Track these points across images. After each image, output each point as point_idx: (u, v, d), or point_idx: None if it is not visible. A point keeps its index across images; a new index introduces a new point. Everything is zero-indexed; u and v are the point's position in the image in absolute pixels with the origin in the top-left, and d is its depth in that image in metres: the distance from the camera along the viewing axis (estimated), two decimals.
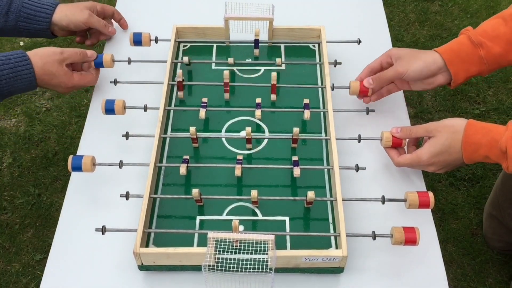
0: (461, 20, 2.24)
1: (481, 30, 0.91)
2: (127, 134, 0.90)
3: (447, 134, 0.83)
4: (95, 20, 1.08)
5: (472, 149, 0.81)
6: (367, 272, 0.81)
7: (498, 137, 0.79)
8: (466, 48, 0.90)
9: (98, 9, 1.10)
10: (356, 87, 0.94)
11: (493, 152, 0.80)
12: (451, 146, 0.82)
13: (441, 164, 0.85)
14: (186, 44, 1.09)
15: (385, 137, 0.88)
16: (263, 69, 1.05)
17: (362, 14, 1.20)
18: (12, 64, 0.91)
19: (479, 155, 0.81)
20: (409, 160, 0.86)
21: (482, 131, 0.81)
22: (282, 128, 0.95)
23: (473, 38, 0.89)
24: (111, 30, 1.12)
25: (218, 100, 0.99)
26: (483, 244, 1.61)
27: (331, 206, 0.86)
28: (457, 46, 0.91)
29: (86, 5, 1.08)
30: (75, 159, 0.84)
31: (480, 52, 0.89)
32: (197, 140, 0.90)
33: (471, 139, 0.81)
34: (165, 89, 0.96)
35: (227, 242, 0.73)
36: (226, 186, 0.88)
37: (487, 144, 0.80)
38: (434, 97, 1.98)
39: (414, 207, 0.80)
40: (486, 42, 0.89)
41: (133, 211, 0.86)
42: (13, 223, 1.65)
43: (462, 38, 0.91)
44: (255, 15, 1.02)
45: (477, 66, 0.90)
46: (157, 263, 0.78)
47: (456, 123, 0.83)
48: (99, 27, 1.09)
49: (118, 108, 0.91)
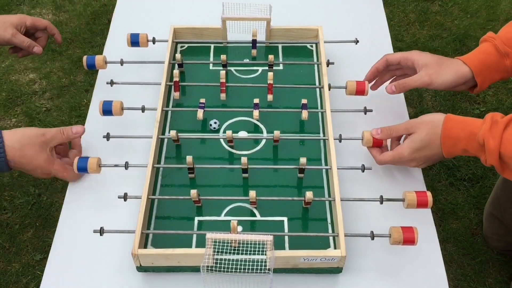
0: (461, 20, 2.24)
1: (505, 38, 0.91)
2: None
3: (426, 129, 0.83)
4: (18, 40, 1.06)
5: (451, 143, 0.82)
6: (366, 272, 0.81)
7: (476, 130, 0.79)
8: (493, 58, 0.91)
9: (27, 24, 1.08)
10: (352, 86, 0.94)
11: (472, 146, 0.80)
12: (431, 141, 0.83)
13: (422, 159, 0.86)
14: (184, 45, 1.09)
15: (366, 138, 0.88)
16: (261, 70, 1.05)
17: (362, 14, 1.20)
18: None
19: (458, 149, 0.82)
20: (391, 157, 0.86)
21: (460, 125, 0.82)
22: (280, 129, 0.95)
23: (500, 48, 0.90)
24: (36, 49, 1.10)
25: (216, 101, 0.99)
26: (483, 244, 1.61)
27: (329, 206, 0.86)
28: (484, 56, 0.91)
29: (13, 22, 1.05)
30: (81, 161, 0.84)
31: (506, 61, 0.90)
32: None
33: (450, 133, 0.82)
34: (163, 90, 0.95)
35: (226, 243, 0.72)
36: (225, 187, 0.88)
37: (465, 137, 0.81)
38: (434, 97, 1.98)
39: (412, 206, 0.80)
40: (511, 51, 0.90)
41: (132, 212, 0.86)
42: (13, 223, 1.65)
43: (488, 47, 0.92)
44: (252, 16, 1.02)
45: (501, 74, 0.92)
46: (156, 264, 0.78)
47: (434, 118, 0.84)
48: (23, 47, 1.08)
49: (116, 109, 0.91)
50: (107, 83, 0.99)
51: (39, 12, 2.30)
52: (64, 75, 2.06)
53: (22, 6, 2.32)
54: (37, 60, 2.11)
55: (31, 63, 2.10)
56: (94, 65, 1.00)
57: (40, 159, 0.85)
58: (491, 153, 0.78)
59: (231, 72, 1.04)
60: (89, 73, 2.05)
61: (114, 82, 0.99)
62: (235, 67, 1.05)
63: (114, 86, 1.00)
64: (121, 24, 1.18)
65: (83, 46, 2.16)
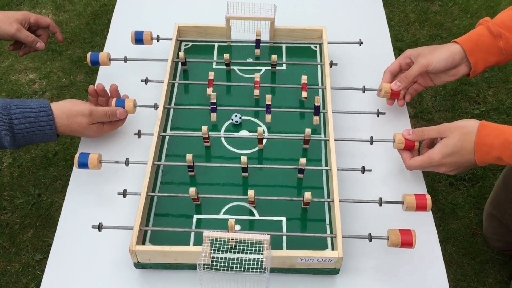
0: (461, 20, 2.24)
1: (499, 20, 0.91)
2: (139, 132, 0.90)
3: (460, 135, 0.82)
4: (22, 35, 1.07)
5: (484, 151, 0.81)
6: (364, 274, 0.81)
7: (511, 138, 0.79)
8: (485, 39, 0.90)
9: (31, 21, 1.09)
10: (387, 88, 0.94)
11: (506, 154, 0.79)
12: (463, 147, 0.82)
13: (453, 165, 0.84)
14: (188, 43, 1.09)
15: (397, 139, 0.86)
16: (264, 69, 1.05)
17: (362, 15, 1.20)
18: (32, 118, 0.86)
19: (491, 157, 0.81)
20: (421, 161, 0.85)
21: (495, 132, 0.80)
22: (281, 129, 0.95)
23: (493, 29, 0.90)
24: (39, 45, 1.11)
25: (218, 99, 0.98)
26: (483, 244, 1.61)
27: (328, 207, 0.85)
28: (477, 36, 0.91)
29: (18, 18, 1.06)
30: (82, 156, 0.85)
31: (500, 42, 0.90)
32: (209, 139, 0.90)
33: (484, 140, 0.80)
34: (165, 88, 0.96)
35: (223, 242, 0.72)
36: (224, 186, 0.88)
37: (500, 145, 0.79)
38: (434, 97, 1.98)
39: (411, 209, 0.79)
40: (505, 33, 0.90)
41: (132, 209, 0.86)
42: (13, 223, 1.65)
43: (481, 29, 0.92)
44: (256, 15, 1.02)
45: (496, 56, 0.91)
46: (153, 261, 0.78)
47: (468, 124, 0.83)
48: (27, 42, 1.09)
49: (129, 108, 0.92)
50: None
51: (39, 12, 2.30)
52: (64, 75, 2.06)
53: (22, 6, 2.32)
54: (37, 60, 2.11)
55: (31, 63, 2.11)
56: (98, 61, 1.00)
57: (89, 132, 0.91)
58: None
59: (234, 71, 1.04)
60: (89, 73, 2.05)
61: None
62: (238, 66, 1.05)
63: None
64: (121, 23, 1.18)
65: (83, 46, 2.16)
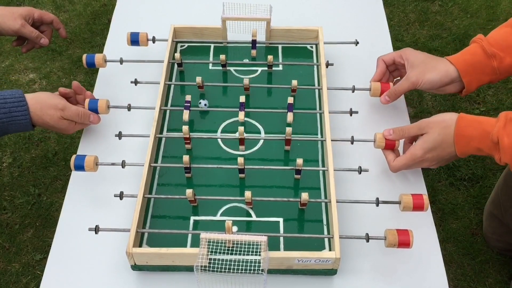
0: (461, 20, 2.23)
1: (493, 40, 0.91)
2: (120, 134, 0.90)
3: (439, 129, 0.83)
4: (27, 30, 1.07)
5: (464, 142, 0.82)
6: (362, 274, 0.81)
7: (489, 128, 0.79)
8: (480, 59, 0.90)
9: (35, 17, 1.09)
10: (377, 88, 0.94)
11: (485, 144, 0.80)
12: (443, 140, 0.83)
13: (435, 159, 0.85)
14: (184, 44, 1.09)
15: (378, 139, 0.87)
16: (260, 70, 1.05)
17: (362, 15, 1.19)
18: (7, 109, 0.87)
19: (471, 148, 0.82)
20: (405, 160, 0.85)
21: (474, 123, 0.81)
22: (277, 129, 0.95)
23: (487, 49, 0.90)
24: (43, 41, 1.11)
25: (214, 100, 0.99)
26: (483, 244, 1.60)
27: (325, 208, 0.85)
28: (471, 57, 0.91)
29: (22, 13, 1.06)
30: (78, 159, 0.84)
31: (493, 63, 0.90)
32: (190, 141, 0.90)
33: (463, 132, 0.81)
34: (161, 89, 0.96)
35: (220, 243, 0.72)
36: (221, 187, 0.88)
37: (479, 136, 0.80)
38: (434, 97, 1.97)
39: (408, 209, 0.79)
40: (498, 53, 0.89)
41: (129, 211, 0.86)
42: (13, 223, 1.65)
43: (475, 48, 0.92)
44: (252, 16, 1.02)
45: (489, 76, 0.91)
46: (150, 263, 0.78)
47: (447, 118, 0.84)
48: (31, 38, 1.09)
49: (102, 109, 0.92)
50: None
51: None
52: (64, 75, 2.06)
53: (22, 6, 2.32)
54: (37, 60, 2.11)
55: (31, 63, 2.11)
56: (93, 63, 1.00)
57: (58, 127, 0.92)
58: (505, 151, 0.77)
59: (231, 72, 1.04)
60: (89, 73, 2.06)
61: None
62: (234, 67, 1.05)
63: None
64: (121, 23, 1.18)
65: (83, 46, 2.16)
